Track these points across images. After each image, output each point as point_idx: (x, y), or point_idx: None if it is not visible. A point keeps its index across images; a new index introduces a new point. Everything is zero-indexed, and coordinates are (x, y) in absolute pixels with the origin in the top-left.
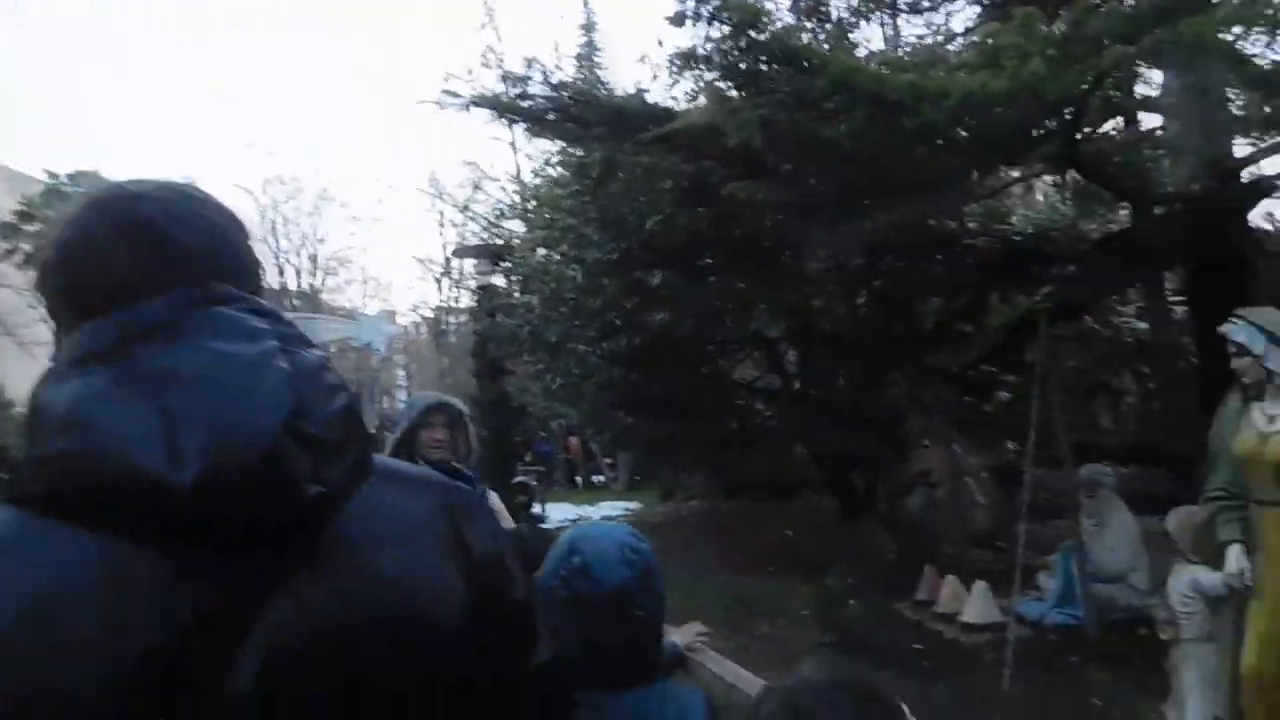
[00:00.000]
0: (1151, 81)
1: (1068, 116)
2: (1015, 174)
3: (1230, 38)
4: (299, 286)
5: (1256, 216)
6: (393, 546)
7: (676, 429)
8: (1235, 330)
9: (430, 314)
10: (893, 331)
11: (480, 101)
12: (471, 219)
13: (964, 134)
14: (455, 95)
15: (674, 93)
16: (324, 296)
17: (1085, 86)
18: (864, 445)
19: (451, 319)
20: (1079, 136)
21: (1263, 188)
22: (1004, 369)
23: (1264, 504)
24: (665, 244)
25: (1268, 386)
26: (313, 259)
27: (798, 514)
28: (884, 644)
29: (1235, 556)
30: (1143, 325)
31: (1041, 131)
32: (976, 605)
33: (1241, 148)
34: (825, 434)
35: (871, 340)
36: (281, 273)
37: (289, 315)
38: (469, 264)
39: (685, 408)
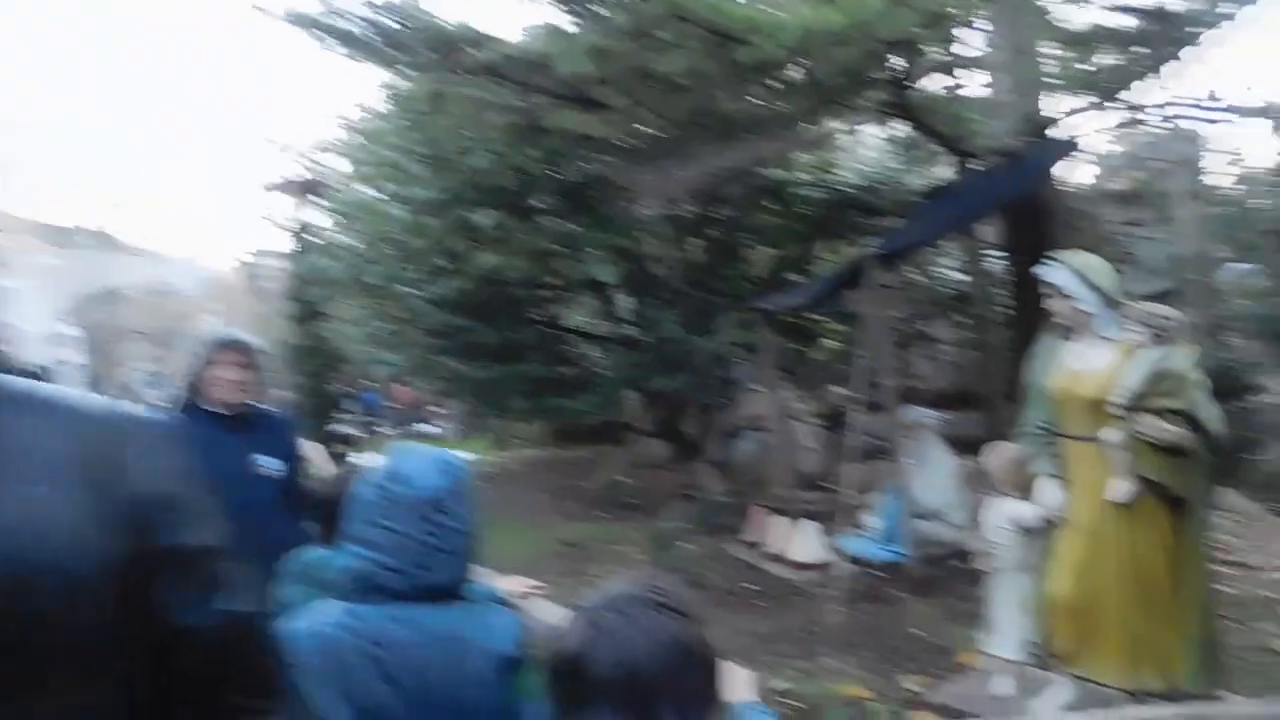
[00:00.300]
0: (973, 43)
1: (898, 62)
2: (844, 124)
3: None
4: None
5: (1065, 171)
6: (13, 484)
7: (507, 375)
8: (1051, 272)
9: (246, 257)
10: (724, 278)
11: (296, 18)
12: (286, 151)
13: (798, 74)
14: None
15: (508, 22)
16: (123, 236)
17: (917, 29)
18: (695, 390)
19: (269, 262)
20: (908, 85)
21: (1072, 144)
22: (831, 317)
23: (1075, 439)
24: (495, 183)
25: (1080, 327)
26: (106, 194)
27: (630, 459)
28: (716, 583)
29: (1049, 489)
30: (960, 276)
31: (874, 77)
32: (804, 544)
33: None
34: (657, 379)
35: (703, 287)
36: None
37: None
38: (286, 201)
39: (516, 353)
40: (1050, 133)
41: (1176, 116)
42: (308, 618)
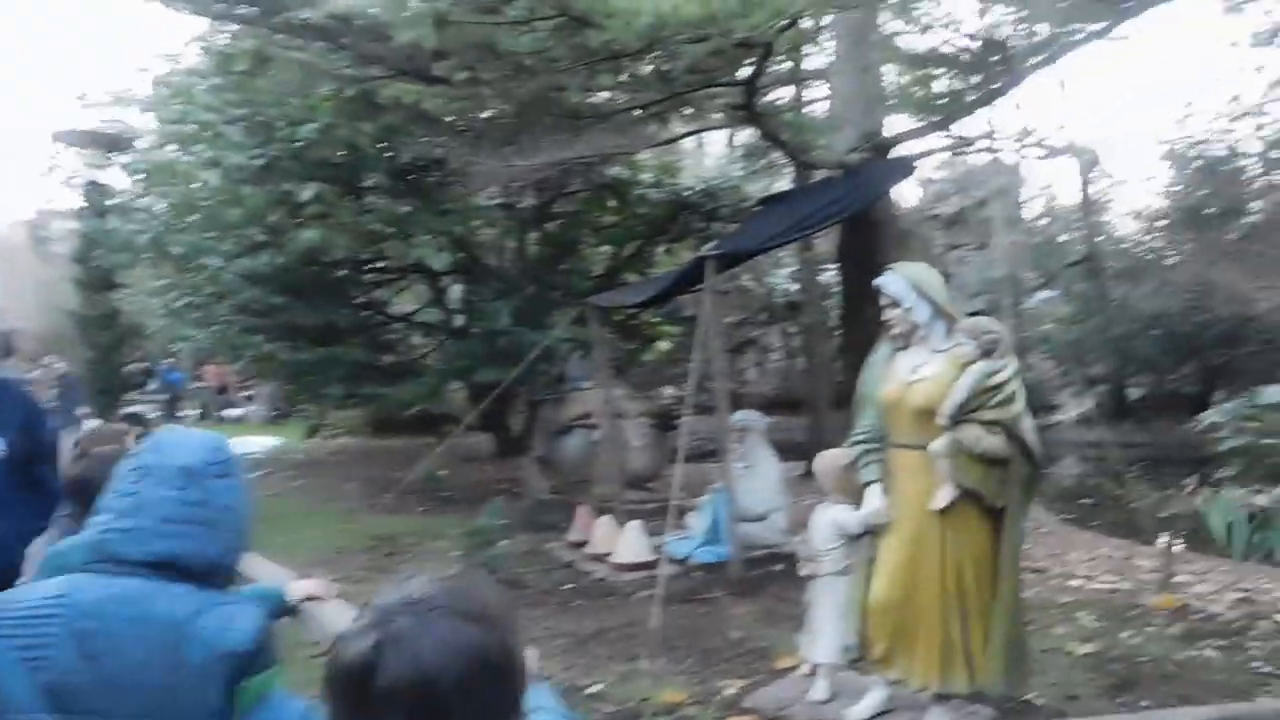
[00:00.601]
0: (819, 59)
1: (748, 68)
2: (692, 126)
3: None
4: None
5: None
6: None
7: (325, 359)
8: (889, 283)
9: (29, 214)
10: (560, 273)
11: None
12: (81, 101)
13: (649, 68)
14: None
15: None
16: None
17: (769, 30)
18: (525, 385)
19: (56, 222)
20: (757, 90)
21: (910, 164)
22: (666, 320)
23: (901, 447)
24: (321, 156)
25: (914, 337)
26: None
27: (451, 453)
28: (534, 583)
29: (874, 496)
30: (791, 285)
31: (724, 80)
32: (629, 544)
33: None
34: (486, 371)
35: (538, 280)
36: None
37: None
38: (78, 155)
39: (336, 337)
40: (889, 153)
41: (996, 149)
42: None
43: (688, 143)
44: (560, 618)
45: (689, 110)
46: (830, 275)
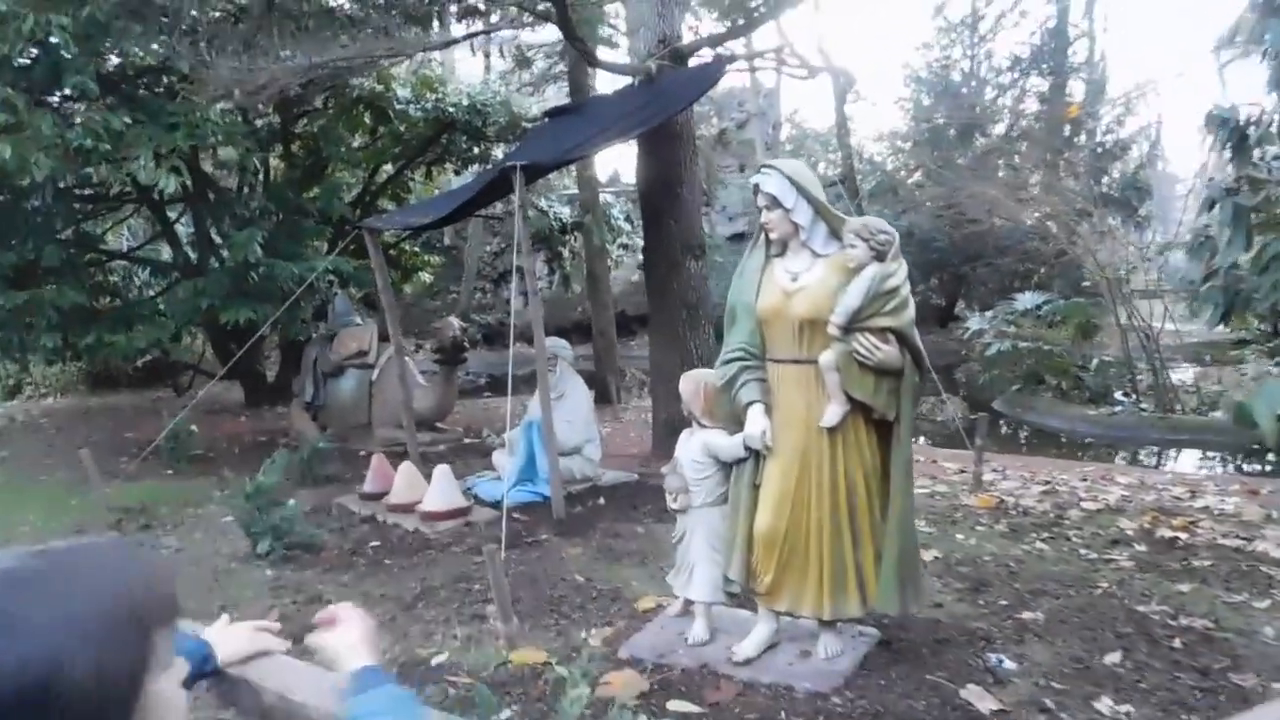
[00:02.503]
0: None
1: None
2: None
3: None
4: None
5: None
6: None
7: (30, 303)
8: (767, 180)
9: None
10: (312, 197)
11: None
12: None
13: None
14: None
15: None
16: None
17: None
18: (282, 324)
19: None
20: None
21: (723, 66)
22: (425, 250)
23: (782, 362)
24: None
25: (790, 243)
26: None
27: (193, 406)
28: (333, 544)
29: (757, 417)
30: (563, 210)
31: None
32: (438, 491)
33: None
34: (234, 311)
35: (288, 205)
36: None
37: None
38: None
39: (39, 278)
40: (687, 61)
41: (758, 68)
42: None
43: (450, 58)
44: (375, 580)
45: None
46: (606, 196)
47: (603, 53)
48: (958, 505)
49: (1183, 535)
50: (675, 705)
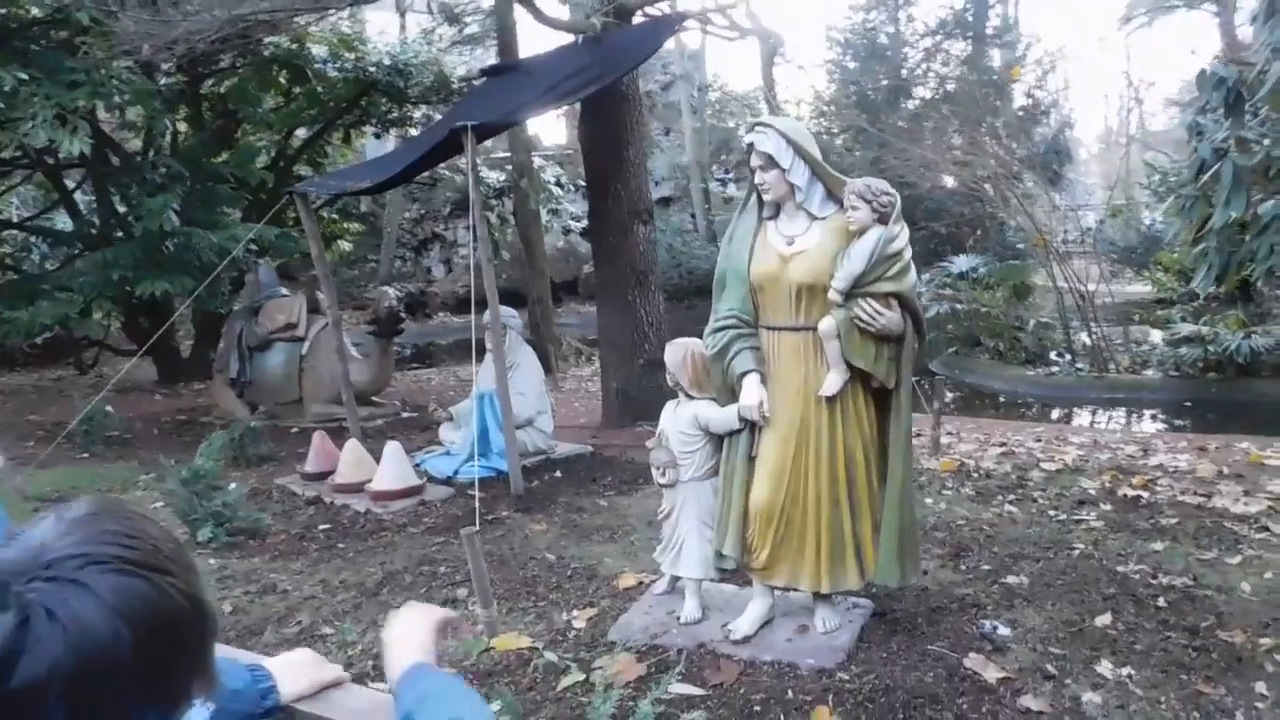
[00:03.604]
0: None
1: None
2: None
3: None
4: None
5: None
6: None
7: None
8: (763, 139)
9: None
10: (226, 161)
11: None
12: None
13: None
14: None
15: None
16: None
17: None
18: (201, 296)
19: None
20: None
21: (670, 23)
22: (343, 216)
23: (778, 330)
24: None
25: (785, 205)
26: None
27: (98, 386)
28: (279, 528)
29: (753, 387)
30: (491, 174)
31: None
32: (389, 469)
33: None
34: (148, 282)
35: (201, 170)
36: None
37: None
38: None
39: None
40: (630, 18)
41: (686, 29)
42: None
43: (361, 18)
44: (330, 567)
45: None
46: (538, 160)
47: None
48: (920, 469)
49: (1144, 494)
50: (677, 688)
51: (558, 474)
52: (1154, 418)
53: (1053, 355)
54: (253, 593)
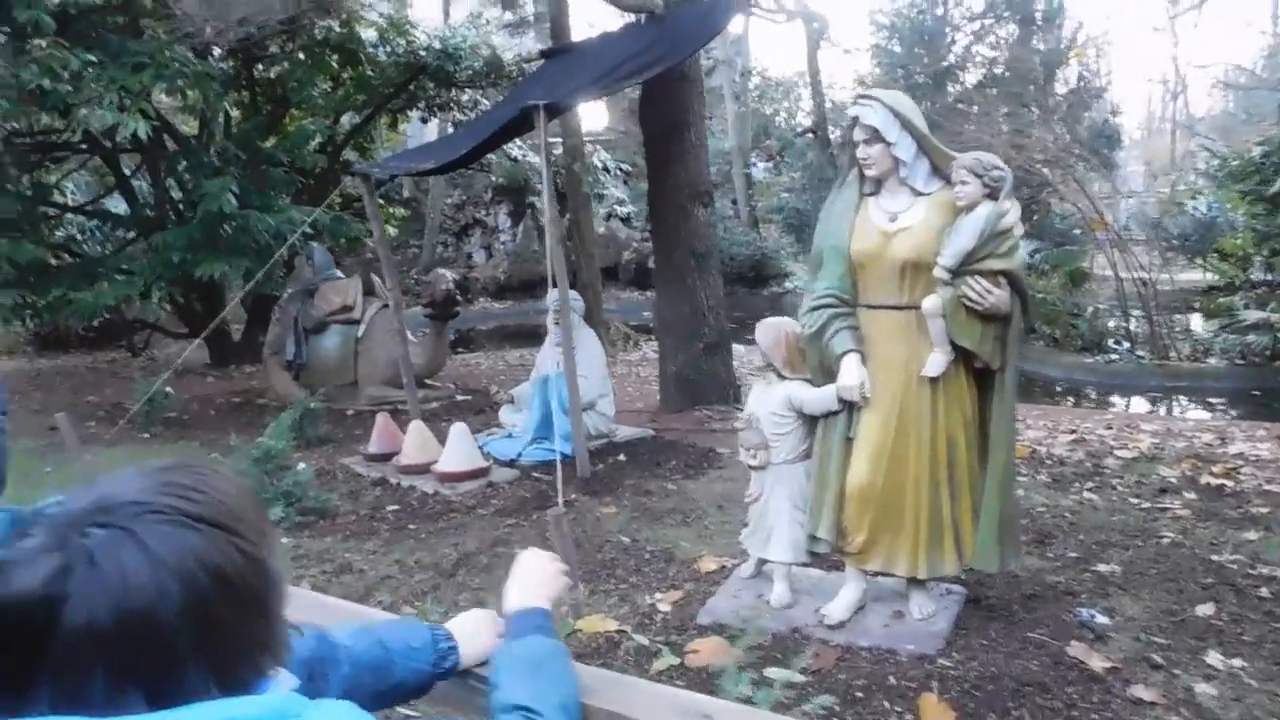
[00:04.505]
0: None
1: None
2: None
3: None
4: None
5: None
6: None
7: None
8: (868, 112)
9: None
10: (279, 144)
11: None
12: None
13: None
14: None
15: None
16: None
17: None
18: (260, 278)
19: None
20: None
21: (721, 9)
22: (386, 200)
23: (880, 308)
24: None
25: (888, 181)
26: None
27: (159, 367)
28: (350, 509)
29: (853, 367)
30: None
31: None
32: (456, 450)
33: None
34: (209, 265)
35: (255, 152)
36: None
37: None
38: None
39: None
40: None
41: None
42: None
43: (414, 3)
44: (404, 547)
45: None
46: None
47: None
48: None
49: (1228, 482)
50: (774, 673)
51: (621, 457)
52: (1220, 406)
53: (1110, 343)
54: (329, 572)
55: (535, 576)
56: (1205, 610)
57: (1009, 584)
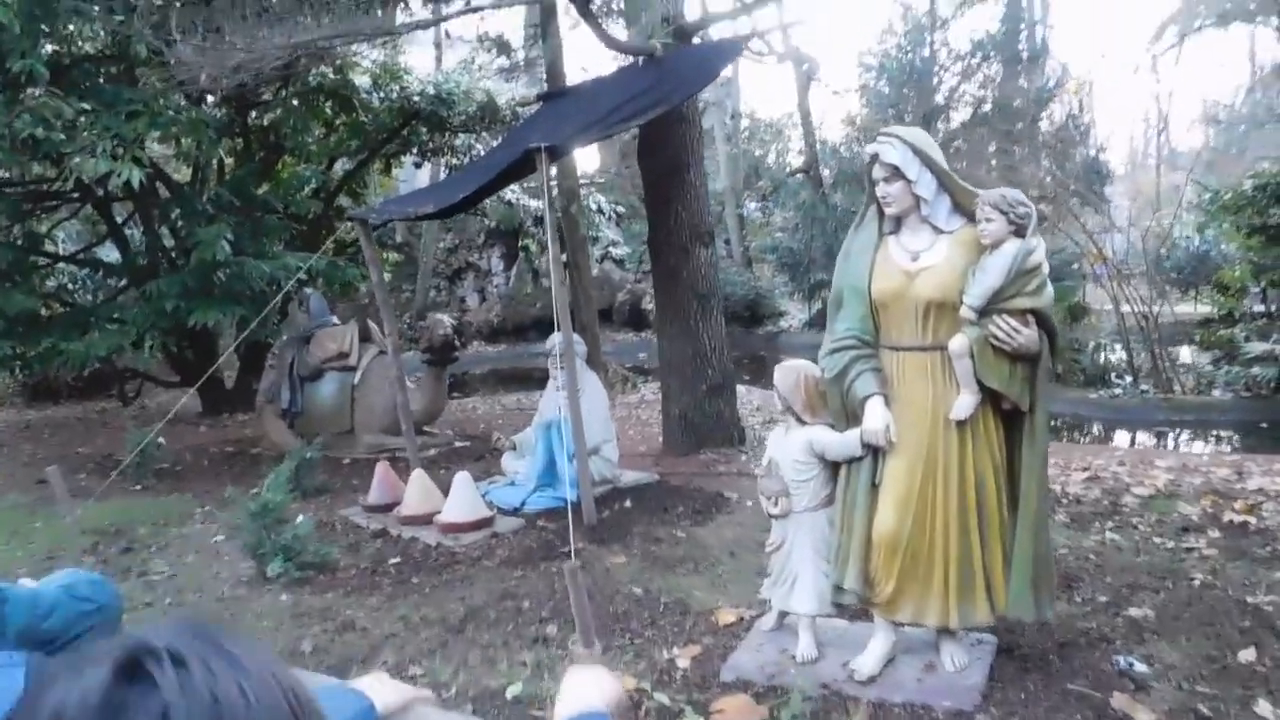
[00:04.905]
0: None
1: None
2: (418, 17)
3: None
4: None
5: None
6: None
7: None
8: (888, 150)
9: None
10: (273, 190)
11: None
12: None
13: None
14: None
15: None
16: None
17: None
18: (255, 326)
19: None
20: None
21: (736, 45)
22: (380, 245)
23: (903, 350)
24: None
25: (908, 219)
26: None
27: (148, 417)
28: (349, 561)
29: (877, 411)
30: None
31: None
32: (459, 500)
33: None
34: (204, 313)
35: (248, 199)
36: None
37: None
38: None
39: None
40: (690, 39)
41: (749, 52)
42: None
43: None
44: (408, 602)
45: None
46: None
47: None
48: None
49: (1250, 519)
50: None
51: (627, 503)
52: (1227, 440)
53: (1113, 377)
54: (331, 630)
55: (591, 686)
56: (1247, 655)
57: (1040, 631)
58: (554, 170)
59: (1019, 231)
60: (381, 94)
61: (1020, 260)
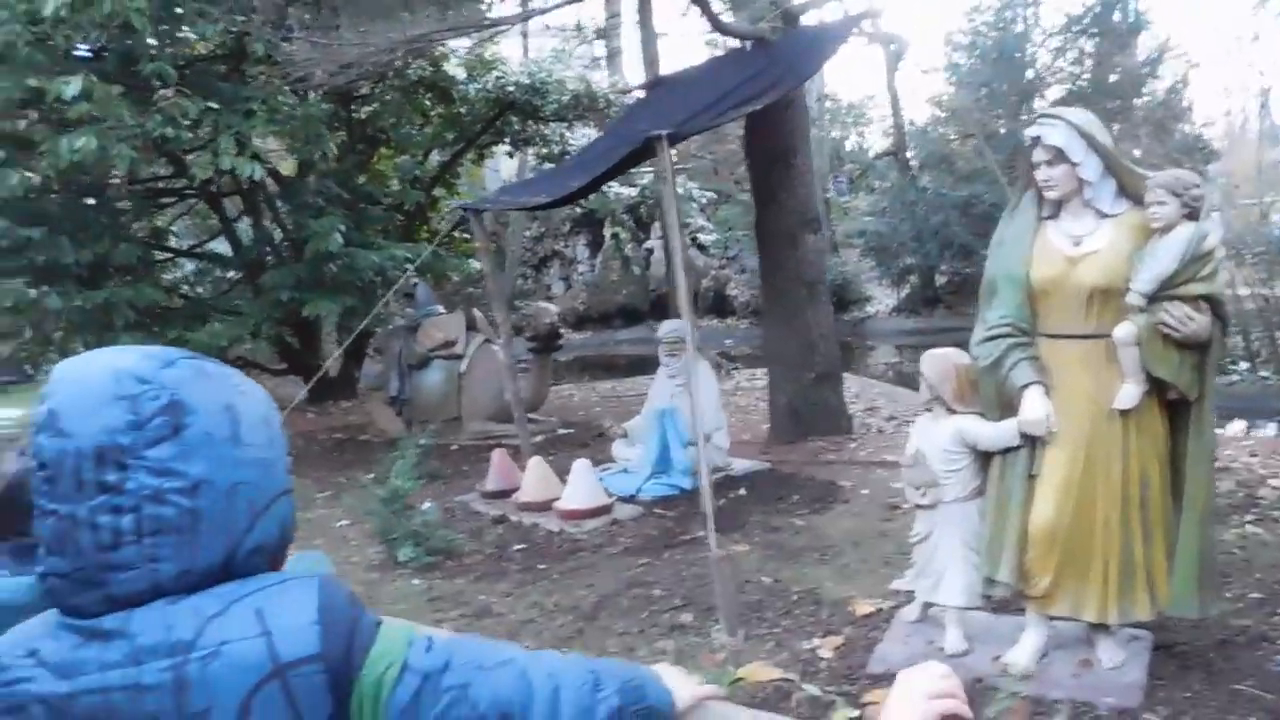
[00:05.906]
0: None
1: None
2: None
3: None
4: None
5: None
6: None
7: (108, 303)
8: (1052, 132)
9: None
10: (377, 182)
11: None
12: None
13: None
14: None
15: None
16: None
17: None
18: (366, 316)
19: None
20: None
21: (846, 28)
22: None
23: (1063, 338)
24: (76, 34)
25: (1069, 203)
26: None
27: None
28: (475, 549)
29: (1037, 400)
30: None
31: None
32: (579, 486)
33: None
34: (318, 303)
35: (355, 191)
36: None
37: None
38: None
39: (108, 276)
40: (797, 22)
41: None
42: None
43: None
44: (538, 589)
45: None
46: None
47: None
48: None
49: None
50: None
51: (741, 491)
52: None
53: (1228, 363)
54: (468, 616)
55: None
56: None
57: (1195, 629)
58: (674, 155)
59: (1192, 215)
60: (477, 85)
61: (1194, 245)
